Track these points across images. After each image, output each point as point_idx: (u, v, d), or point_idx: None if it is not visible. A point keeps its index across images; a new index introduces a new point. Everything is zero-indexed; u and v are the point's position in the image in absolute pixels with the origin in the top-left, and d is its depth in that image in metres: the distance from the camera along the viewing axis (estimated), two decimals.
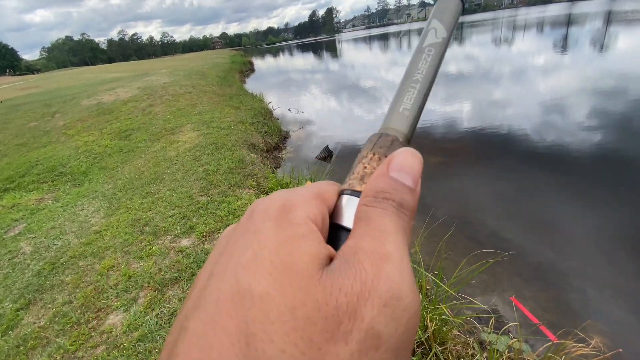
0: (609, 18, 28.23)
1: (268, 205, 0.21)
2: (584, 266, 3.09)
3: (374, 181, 0.23)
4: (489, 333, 2.27)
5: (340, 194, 0.24)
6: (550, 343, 2.13)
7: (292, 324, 0.16)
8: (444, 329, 2.14)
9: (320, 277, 0.17)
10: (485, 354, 2.15)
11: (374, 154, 0.26)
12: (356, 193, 0.24)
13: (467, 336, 2.27)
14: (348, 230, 0.22)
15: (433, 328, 2.07)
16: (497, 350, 2.14)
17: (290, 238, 0.19)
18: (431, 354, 2.01)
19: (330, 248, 0.20)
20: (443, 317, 2.12)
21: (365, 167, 0.25)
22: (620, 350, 2.13)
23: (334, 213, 0.23)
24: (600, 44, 15.06)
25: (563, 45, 16.79)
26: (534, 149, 5.49)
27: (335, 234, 0.22)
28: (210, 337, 0.16)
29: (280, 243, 0.19)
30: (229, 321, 0.16)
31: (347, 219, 0.23)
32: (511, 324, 2.26)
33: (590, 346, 2.02)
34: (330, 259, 0.19)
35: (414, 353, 2.05)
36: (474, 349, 2.12)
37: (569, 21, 30.98)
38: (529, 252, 3.30)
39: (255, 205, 0.22)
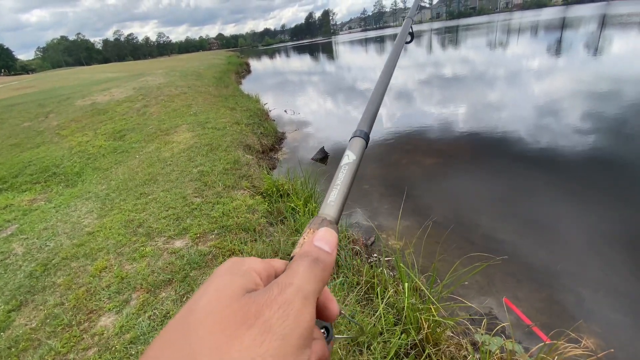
0: (604, 21, 28.53)
1: (225, 263, 0.31)
2: (577, 267, 3.12)
3: (303, 247, 0.33)
4: (482, 334, 2.27)
5: (290, 259, 0.34)
6: (543, 344, 2.14)
7: (216, 320, 0.24)
8: (438, 330, 2.14)
9: (243, 296, 0.26)
10: (477, 355, 2.15)
11: (310, 229, 0.37)
12: None
13: (460, 337, 2.28)
14: None
15: (426, 330, 2.07)
16: (490, 351, 2.14)
17: (232, 276, 0.28)
18: (424, 355, 2.01)
19: (259, 284, 0.29)
20: (436, 318, 2.13)
21: (304, 238, 0.36)
22: (612, 350, 2.14)
23: None
24: (595, 47, 15.21)
25: (557, 48, 16.94)
26: (528, 151, 5.53)
27: None
28: (161, 341, 0.24)
29: (223, 280, 0.28)
30: (176, 327, 0.25)
31: None
32: (504, 324, 2.27)
33: (583, 346, 2.03)
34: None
35: (407, 354, 2.05)
36: (466, 350, 2.12)
37: (563, 24, 31.28)
38: (522, 253, 3.32)
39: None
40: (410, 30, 0.88)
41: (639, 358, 2.30)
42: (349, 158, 0.47)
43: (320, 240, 0.33)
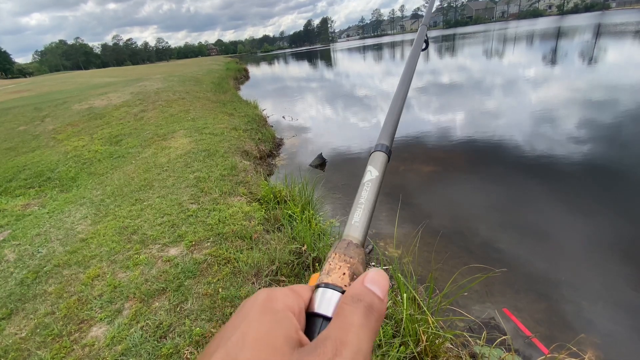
0: (599, 31, 28.92)
1: (256, 297, 0.28)
2: (576, 277, 3.09)
3: (352, 287, 0.29)
4: (482, 346, 2.24)
5: (316, 287, 0.32)
6: (544, 357, 2.11)
7: None
8: (437, 341, 2.10)
9: (292, 354, 0.23)
10: None
11: (335, 254, 0.34)
12: (324, 285, 0.31)
13: (460, 349, 2.24)
14: (321, 316, 0.29)
15: (425, 342, 2.03)
16: None
17: (271, 321, 0.25)
18: None
19: (301, 335, 0.26)
20: (435, 331, 2.09)
21: (330, 264, 0.33)
22: None
23: (311, 304, 0.30)
24: (590, 56, 15.39)
25: (553, 57, 17.13)
26: (526, 160, 5.54)
27: (312, 320, 0.29)
28: None
29: (263, 325, 0.25)
30: None
31: (318, 306, 0.30)
32: (503, 337, 2.23)
33: None
34: (300, 342, 0.25)
35: None
36: None
37: (558, 34, 31.68)
38: (521, 263, 3.30)
39: (247, 300, 0.29)
40: (425, 38, 0.85)
41: None
42: (372, 174, 0.44)
43: (373, 282, 0.29)
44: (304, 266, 2.86)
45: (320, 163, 6.47)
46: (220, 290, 2.55)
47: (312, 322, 0.29)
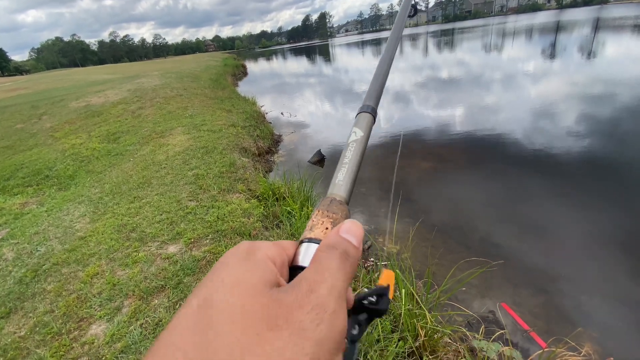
0: (597, 25, 28.83)
1: (237, 248, 0.28)
2: (574, 271, 3.11)
3: (328, 237, 0.30)
4: (480, 340, 2.25)
5: (300, 243, 0.32)
6: (542, 351, 2.12)
7: (239, 316, 0.22)
8: (435, 336, 2.11)
9: (266, 293, 0.24)
10: None
11: (319, 211, 0.35)
12: (307, 240, 0.32)
13: (458, 344, 2.25)
14: (303, 268, 0.29)
15: (423, 337, 2.04)
16: (488, 357, 2.12)
17: (249, 266, 0.26)
18: None
19: (280, 279, 0.27)
20: (433, 326, 2.09)
21: (313, 220, 0.34)
22: (612, 359, 2.12)
23: (295, 258, 0.31)
24: (589, 51, 15.35)
25: (552, 52, 17.08)
26: (524, 155, 5.54)
27: (295, 273, 0.29)
28: (173, 338, 0.21)
29: (240, 270, 0.25)
30: (190, 323, 0.22)
31: (302, 260, 0.31)
32: (502, 331, 2.25)
33: (582, 355, 2.01)
34: (278, 284, 0.26)
35: None
36: (464, 357, 2.09)
37: (557, 28, 31.56)
38: (519, 258, 3.31)
39: (228, 251, 0.29)
40: (414, 2, 0.77)
41: None
42: (357, 135, 0.44)
43: (348, 232, 0.30)
44: None
45: (319, 159, 6.46)
46: None
47: (296, 274, 0.30)
